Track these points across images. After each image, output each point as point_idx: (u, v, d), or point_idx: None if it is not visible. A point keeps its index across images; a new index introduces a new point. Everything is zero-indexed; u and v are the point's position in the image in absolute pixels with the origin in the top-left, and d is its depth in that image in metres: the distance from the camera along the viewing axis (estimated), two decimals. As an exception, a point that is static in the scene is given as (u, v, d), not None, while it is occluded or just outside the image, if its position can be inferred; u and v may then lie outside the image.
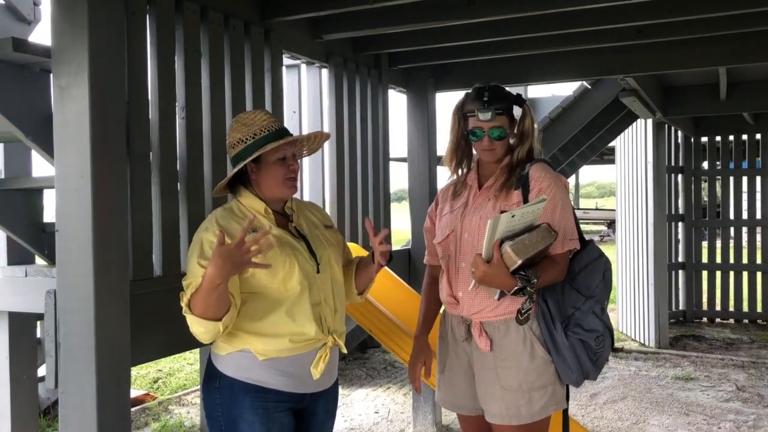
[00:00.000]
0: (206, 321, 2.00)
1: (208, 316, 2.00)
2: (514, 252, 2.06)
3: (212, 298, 1.95)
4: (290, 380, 2.15)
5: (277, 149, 2.17)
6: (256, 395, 2.11)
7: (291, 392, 2.16)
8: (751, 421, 4.87)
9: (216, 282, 1.91)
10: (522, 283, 2.09)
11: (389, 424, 4.90)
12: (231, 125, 2.25)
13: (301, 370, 2.16)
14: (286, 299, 2.13)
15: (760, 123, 8.02)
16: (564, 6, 3.17)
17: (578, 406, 5.24)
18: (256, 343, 2.11)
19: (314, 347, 2.17)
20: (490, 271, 2.08)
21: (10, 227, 2.89)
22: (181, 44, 2.77)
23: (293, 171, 2.20)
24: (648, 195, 7.29)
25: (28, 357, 3.14)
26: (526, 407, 2.23)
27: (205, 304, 1.97)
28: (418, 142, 4.68)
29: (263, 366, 2.12)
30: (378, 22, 3.49)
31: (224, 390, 2.14)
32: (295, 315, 2.13)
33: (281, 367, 2.13)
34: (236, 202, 2.23)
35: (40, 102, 2.56)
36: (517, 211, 2.06)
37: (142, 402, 5.37)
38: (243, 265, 1.94)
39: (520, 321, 2.19)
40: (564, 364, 2.25)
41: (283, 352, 2.12)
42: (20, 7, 3.43)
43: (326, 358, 2.18)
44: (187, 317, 2.03)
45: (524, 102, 2.34)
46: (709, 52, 4.21)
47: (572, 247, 2.27)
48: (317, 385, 2.22)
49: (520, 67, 4.50)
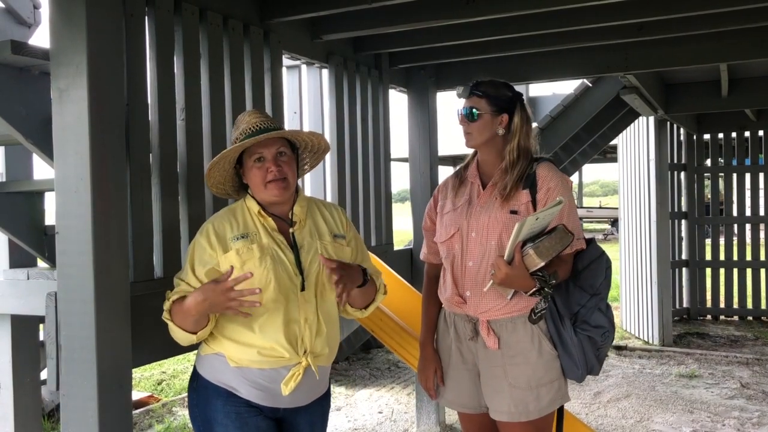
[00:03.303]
0: (181, 330, 2.06)
1: (185, 328, 2.06)
2: (537, 254, 2.09)
3: (190, 319, 2.02)
4: (260, 392, 2.09)
5: (252, 150, 2.10)
6: (228, 399, 2.09)
7: (262, 405, 2.11)
8: (756, 418, 4.85)
9: (192, 312, 1.99)
10: (540, 283, 2.12)
11: (393, 424, 4.90)
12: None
13: (272, 384, 2.09)
14: (259, 312, 2.05)
15: (763, 119, 8.00)
16: (564, 3, 3.16)
17: (582, 404, 5.23)
18: (230, 349, 2.10)
19: (286, 364, 2.08)
20: (512, 273, 2.11)
21: (12, 230, 2.90)
22: (180, 46, 2.77)
23: (272, 173, 2.08)
24: (651, 193, 7.29)
25: (31, 360, 3.14)
26: (534, 403, 2.25)
27: (181, 319, 2.04)
28: (419, 142, 4.67)
29: (234, 372, 2.09)
30: (378, 21, 3.48)
31: (200, 391, 2.15)
32: (266, 330, 2.05)
33: (251, 377, 2.08)
34: (242, 203, 2.20)
35: (40, 105, 2.56)
36: (540, 213, 2.08)
37: (146, 404, 5.37)
38: (221, 309, 1.97)
39: (533, 320, 2.22)
40: (570, 361, 2.28)
41: (253, 363, 2.07)
42: (20, 10, 3.44)
43: (298, 378, 2.08)
44: (166, 321, 2.09)
45: (516, 100, 2.34)
46: (710, 49, 4.20)
47: (580, 247, 2.30)
48: (291, 402, 2.13)
49: (521, 65, 4.49)
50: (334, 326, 2.21)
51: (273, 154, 2.11)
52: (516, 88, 2.40)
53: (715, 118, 8.17)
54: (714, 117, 8.15)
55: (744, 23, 3.53)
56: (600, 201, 36.63)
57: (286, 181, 2.11)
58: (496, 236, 2.26)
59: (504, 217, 2.26)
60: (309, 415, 2.22)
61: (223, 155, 2.11)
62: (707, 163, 8.57)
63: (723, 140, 8.46)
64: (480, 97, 2.31)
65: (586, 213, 23.62)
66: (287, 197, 2.14)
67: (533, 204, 2.25)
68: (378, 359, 6.73)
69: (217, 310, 1.99)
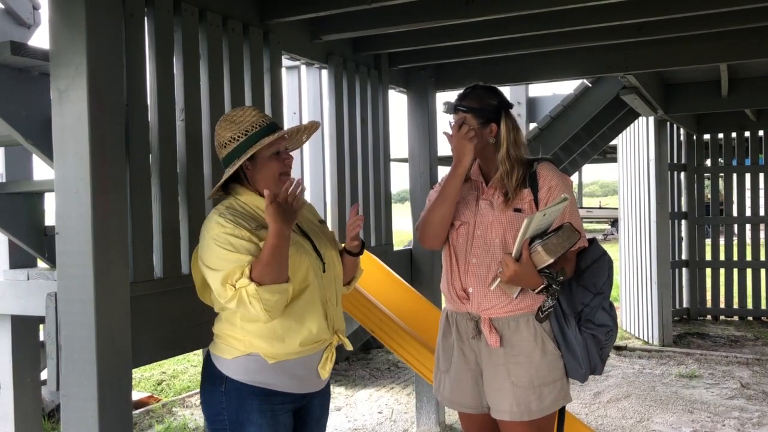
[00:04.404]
0: (280, 285, 2.00)
1: (283, 278, 2.01)
2: (545, 251, 2.10)
3: (285, 253, 1.99)
4: (297, 382, 2.17)
5: (271, 144, 2.16)
6: (264, 398, 2.12)
7: (296, 393, 2.18)
8: (756, 418, 4.85)
9: (285, 232, 1.97)
10: (548, 281, 2.13)
11: (393, 425, 4.90)
12: (218, 124, 2.21)
13: (309, 371, 2.19)
14: (297, 300, 2.13)
15: (763, 119, 8.00)
16: (564, 4, 3.17)
17: (582, 404, 5.23)
18: (264, 347, 2.11)
19: (321, 348, 2.20)
20: (521, 270, 2.12)
21: (12, 231, 2.90)
22: (179, 46, 2.77)
23: (288, 165, 2.22)
24: (651, 193, 7.29)
25: (31, 360, 3.15)
26: (536, 402, 2.25)
27: (277, 263, 1.98)
28: (418, 142, 4.67)
29: (273, 369, 2.12)
30: (377, 22, 3.48)
31: (231, 393, 2.13)
32: (305, 315, 2.14)
33: (290, 369, 2.14)
34: (235, 200, 2.18)
35: (40, 105, 2.56)
36: (547, 210, 2.09)
37: (146, 404, 5.38)
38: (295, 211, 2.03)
39: (540, 319, 2.22)
40: (574, 360, 2.29)
41: (292, 355, 2.13)
42: (19, 11, 3.45)
43: (332, 357, 2.22)
44: (255, 295, 1.96)
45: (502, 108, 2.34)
46: (710, 49, 4.19)
47: (583, 245, 2.32)
48: (320, 384, 2.26)
49: (521, 66, 4.49)
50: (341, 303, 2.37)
51: (285, 147, 2.25)
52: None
53: (715, 118, 8.17)
54: (714, 117, 8.15)
55: (744, 23, 3.53)
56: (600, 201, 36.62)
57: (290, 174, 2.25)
58: (500, 234, 2.29)
59: (508, 215, 2.28)
60: (321, 398, 2.32)
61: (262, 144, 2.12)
62: (707, 163, 8.57)
63: (723, 140, 8.45)
64: (465, 112, 2.34)
65: (586, 213, 23.60)
66: None
67: (535, 203, 2.28)
68: (378, 359, 6.73)
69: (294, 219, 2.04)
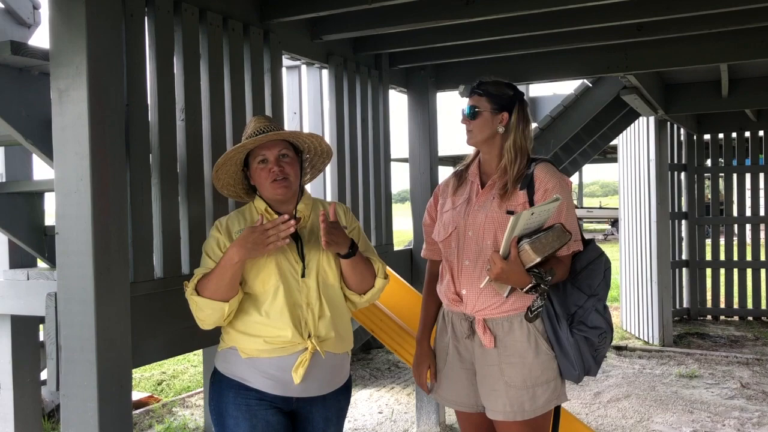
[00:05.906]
0: (213, 302, 2.09)
1: (217, 297, 2.09)
2: (533, 250, 2.09)
3: (227, 276, 2.06)
4: (271, 382, 2.16)
5: (255, 152, 2.23)
6: (238, 392, 2.17)
7: (273, 394, 2.17)
8: (756, 418, 4.85)
9: (234, 260, 2.03)
10: (536, 280, 2.12)
11: (393, 425, 4.90)
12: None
13: (282, 372, 2.16)
14: (264, 299, 2.16)
15: (763, 119, 8.00)
16: (564, 4, 3.16)
17: (582, 404, 5.23)
18: (240, 340, 2.18)
19: (294, 351, 2.16)
20: (507, 268, 2.11)
21: (12, 231, 2.90)
22: (179, 46, 2.77)
23: (274, 174, 2.20)
24: (651, 193, 7.29)
25: (31, 360, 3.15)
26: (530, 403, 2.25)
27: (216, 284, 2.07)
28: (419, 142, 4.67)
29: (245, 363, 2.17)
30: (378, 22, 3.48)
31: (215, 384, 2.24)
32: (270, 315, 2.15)
33: (262, 367, 2.16)
34: (250, 204, 2.33)
35: (40, 105, 2.56)
36: (536, 209, 2.08)
37: (146, 404, 5.38)
38: (262, 249, 2.04)
39: (530, 318, 2.21)
40: (567, 361, 2.28)
41: (262, 353, 2.15)
42: (20, 10, 3.45)
43: (305, 363, 2.14)
44: (193, 301, 2.13)
45: (517, 99, 2.36)
46: (710, 49, 4.19)
47: (577, 249, 2.30)
48: (303, 391, 2.19)
49: (521, 66, 4.49)
50: (339, 312, 2.27)
51: (275, 156, 2.23)
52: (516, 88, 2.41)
53: (715, 119, 8.17)
54: (714, 117, 8.15)
55: (744, 23, 3.53)
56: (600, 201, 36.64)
57: (288, 180, 2.22)
58: (492, 235, 2.28)
59: (500, 216, 2.27)
60: (325, 409, 2.28)
61: (227, 156, 2.24)
62: (707, 164, 8.57)
63: (723, 140, 8.46)
64: (480, 95, 2.36)
65: (586, 213, 23.58)
66: (290, 195, 2.26)
67: (530, 205, 2.26)
68: (378, 359, 6.73)
69: (258, 251, 2.05)
